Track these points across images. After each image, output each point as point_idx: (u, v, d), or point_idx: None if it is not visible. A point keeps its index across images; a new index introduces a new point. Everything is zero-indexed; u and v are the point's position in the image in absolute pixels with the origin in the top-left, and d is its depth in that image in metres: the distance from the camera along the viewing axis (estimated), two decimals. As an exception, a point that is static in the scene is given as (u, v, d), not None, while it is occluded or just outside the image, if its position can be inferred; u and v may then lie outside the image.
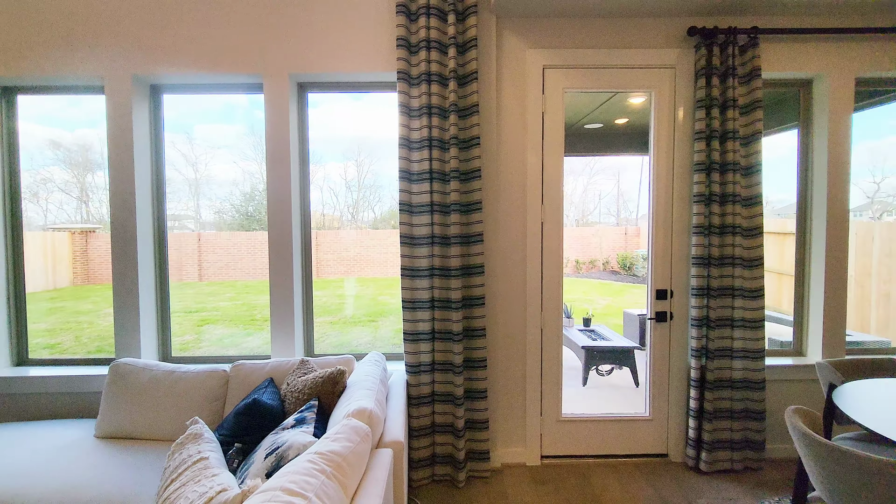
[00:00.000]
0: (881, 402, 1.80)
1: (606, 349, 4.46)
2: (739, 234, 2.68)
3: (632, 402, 4.15)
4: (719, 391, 2.72)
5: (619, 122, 5.42)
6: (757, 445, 2.73)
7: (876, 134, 4.34)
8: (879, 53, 2.81)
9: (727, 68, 2.64)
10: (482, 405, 2.70)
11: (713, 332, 2.70)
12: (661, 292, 2.85)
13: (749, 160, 2.69)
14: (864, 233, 4.81)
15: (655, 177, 2.83)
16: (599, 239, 14.27)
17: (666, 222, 2.84)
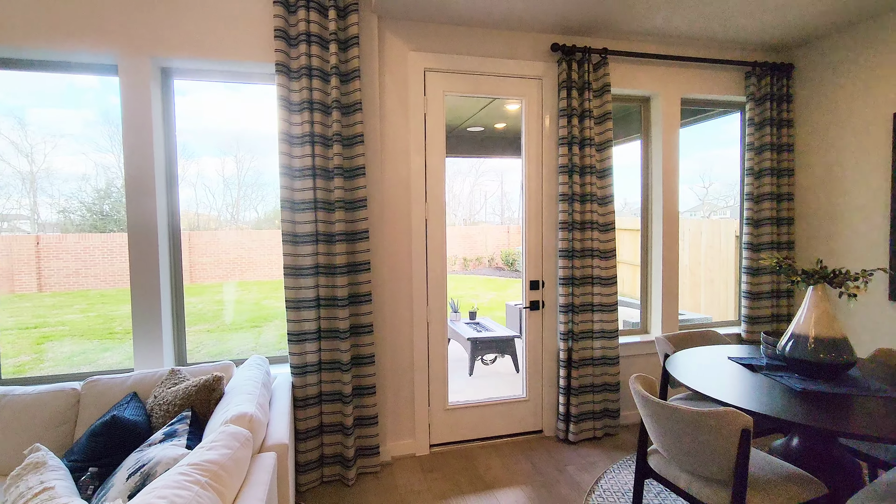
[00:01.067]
0: (701, 366, 2.20)
1: (490, 339, 4.75)
2: (597, 230, 3.05)
3: (513, 387, 4.48)
4: (583, 368, 3.07)
5: (499, 126, 5.79)
6: (614, 414, 3.13)
7: (705, 146, 5.16)
8: (698, 79, 3.38)
9: (584, 83, 2.99)
10: (371, 401, 2.72)
11: (577, 316, 3.04)
12: (534, 283, 3.13)
13: (603, 164, 3.07)
14: (696, 229, 5.73)
15: (527, 178, 3.10)
16: (485, 237, 15.04)
17: (537, 219, 3.12)
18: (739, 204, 3.71)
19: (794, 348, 1.99)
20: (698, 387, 1.92)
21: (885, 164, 2.90)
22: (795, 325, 2.02)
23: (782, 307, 3.45)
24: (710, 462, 1.65)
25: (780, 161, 3.40)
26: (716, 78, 3.42)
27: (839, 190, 3.17)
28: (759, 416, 1.65)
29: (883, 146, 2.91)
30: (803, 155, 3.41)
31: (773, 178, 3.37)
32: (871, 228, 2.99)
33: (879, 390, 1.82)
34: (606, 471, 2.72)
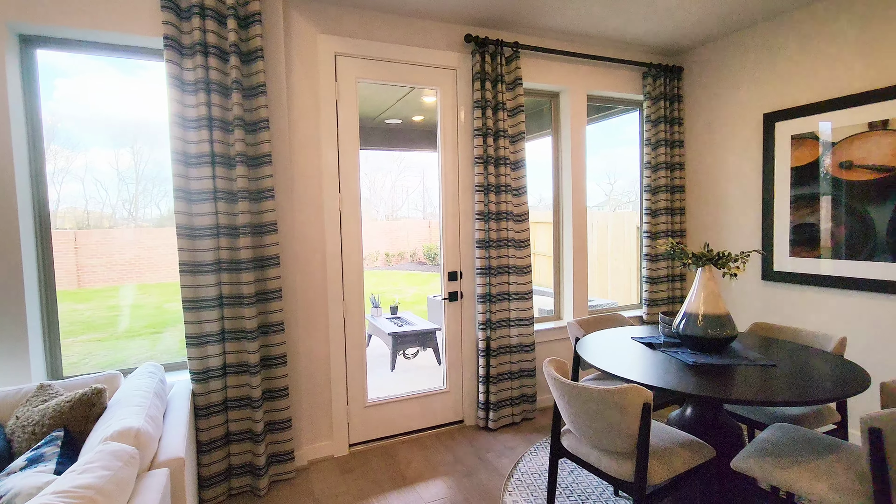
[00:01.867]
0: (608, 347, 2.32)
1: (411, 333, 4.71)
2: (512, 220, 3.11)
3: (436, 379, 4.48)
4: (501, 356, 3.13)
5: (417, 119, 5.74)
6: (531, 399, 3.23)
7: (610, 145, 5.49)
8: (602, 77, 3.58)
9: (497, 75, 3.03)
10: (284, 404, 2.56)
11: (495, 305, 3.09)
12: (452, 274, 3.13)
13: (517, 156, 3.14)
14: (603, 222, 6.11)
15: (444, 169, 3.09)
16: (407, 232, 14.97)
17: (454, 210, 3.12)
18: (639, 196, 3.99)
19: (686, 326, 2.16)
20: (605, 367, 2.02)
21: (758, 159, 3.25)
22: (687, 305, 2.20)
23: (676, 290, 3.77)
24: (617, 437, 1.74)
25: (672, 156, 3.70)
26: (618, 76, 3.64)
27: (721, 182, 3.52)
28: (659, 390, 1.77)
29: (756, 143, 3.26)
30: (692, 150, 3.74)
31: (667, 172, 3.66)
32: (747, 216, 3.35)
33: (757, 360, 2.03)
34: (524, 454, 2.80)
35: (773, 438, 1.90)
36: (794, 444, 1.84)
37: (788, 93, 3.05)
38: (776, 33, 3.10)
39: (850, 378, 1.79)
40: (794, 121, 3.01)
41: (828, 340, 2.34)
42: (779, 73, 3.10)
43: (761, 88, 3.21)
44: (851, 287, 2.76)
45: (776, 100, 3.12)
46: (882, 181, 2.63)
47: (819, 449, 1.80)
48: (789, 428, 2.00)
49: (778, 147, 3.11)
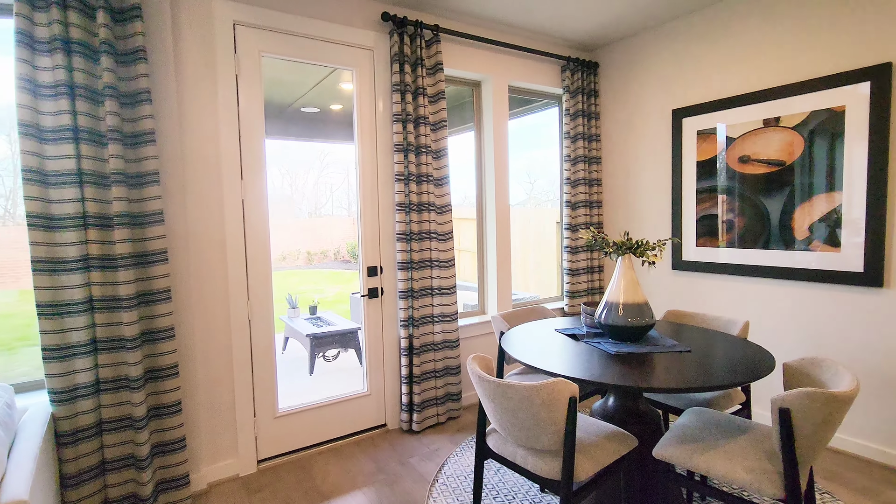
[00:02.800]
0: (532, 340, 2.25)
1: (331, 334, 4.43)
2: (434, 211, 2.98)
3: (358, 382, 4.25)
4: (425, 354, 2.99)
5: (335, 107, 5.43)
6: (456, 397, 3.13)
7: (530, 147, 5.54)
8: (524, 68, 3.55)
9: (417, 58, 2.87)
10: (175, 421, 2.22)
11: (417, 301, 2.93)
12: (372, 269, 2.93)
13: (438, 144, 3.00)
14: (524, 217, 6.20)
15: (361, 157, 2.87)
16: (330, 230, 14.40)
17: (373, 201, 2.92)
18: (560, 189, 4.03)
19: (607, 315, 2.15)
20: (530, 360, 1.94)
21: (668, 153, 3.39)
22: (608, 294, 2.18)
23: (595, 281, 3.86)
24: (543, 434, 1.65)
25: (590, 150, 3.77)
26: (539, 68, 3.63)
27: (636, 176, 3.63)
28: (584, 382, 1.71)
29: (666, 138, 3.40)
30: (608, 145, 3.83)
31: (585, 165, 3.72)
32: (659, 209, 3.48)
33: (674, 346, 2.06)
34: (450, 456, 2.68)
35: (689, 423, 1.93)
36: (709, 427, 1.87)
37: (694, 90, 3.20)
38: (683, 32, 3.24)
39: (758, 361, 1.85)
40: (700, 117, 3.16)
41: (733, 325, 2.45)
42: (686, 70, 3.24)
43: (670, 85, 3.34)
44: (751, 274, 2.95)
45: (683, 96, 3.27)
46: (775, 174, 2.82)
47: (731, 431, 1.84)
48: (703, 412, 2.05)
49: (685, 142, 3.26)
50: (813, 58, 2.63)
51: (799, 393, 1.49)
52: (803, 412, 1.49)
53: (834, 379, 1.68)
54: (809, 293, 2.71)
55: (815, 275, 2.67)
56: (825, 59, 2.59)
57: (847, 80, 2.50)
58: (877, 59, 2.41)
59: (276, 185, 9.66)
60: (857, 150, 2.49)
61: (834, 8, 2.54)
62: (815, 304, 2.69)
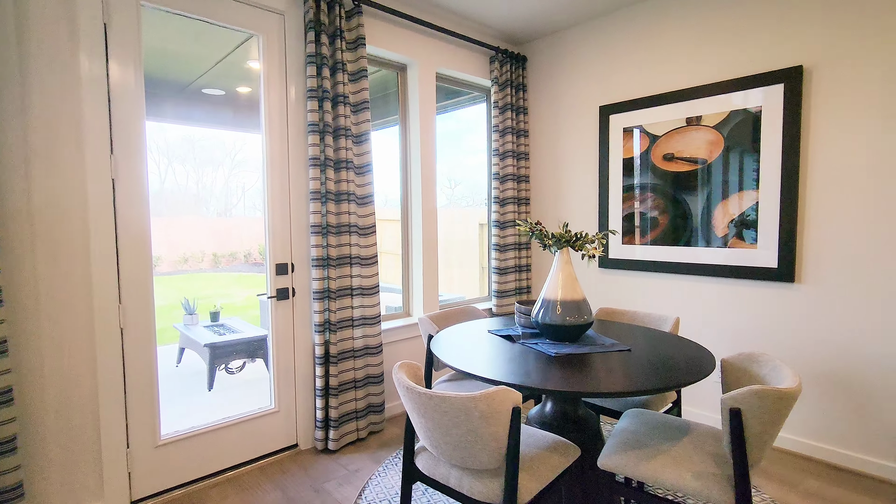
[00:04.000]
0: (464, 343, 2.03)
1: (234, 343, 3.91)
2: (354, 202, 2.66)
3: (267, 396, 3.77)
4: (343, 363, 2.66)
5: (243, 90, 4.87)
6: (378, 408, 2.82)
7: (454, 154, 5.36)
8: (453, 55, 3.35)
9: (335, 29, 2.55)
10: (10, 463, 1.71)
11: (335, 303, 2.60)
12: (281, 266, 2.55)
13: (360, 128, 2.70)
14: (446, 221, 6.05)
15: (270, 137, 2.49)
16: (240, 230, 13.34)
17: (283, 189, 2.54)
18: (487, 185, 3.88)
19: (545, 314, 1.98)
20: (463, 366, 1.71)
21: (595, 149, 3.36)
22: (546, 291, 2.02)
23: (523, 280, 3.75)
24: (482, 451, 1.43)
25: (519, 145, 3.66)
26: (468, 57, 3.45)
27: (563, 173, 3.58)
28: (526, 389, 1.51)
29: (593, 135, 3.37)
30: (536, 140, 3.75)
31: (514, 161, 3.60)
32: (587, 206, 3.44)
33: (613, 345, 1.94)
34: (372, 477, 2.37)
35: (630, 427, 1.81)
36: (651, 431, 1.76)
37: (621, 87, 3.19)
38: (609, 29, 3.22)
39: (700, 358, 1.77)
40: (626, 114, 3.15)
41: (664, 321, 2.41)
42: (612, 68, 3.22)
43: (597, 82, 3.32)
44: (675, 271, 2.97)
45: (610, 93, 3.25)
46: (697, 173, 2.86)
47: (672, 433, 1.74)
48: (641, 413, 1.95)
49: (612, 139, 3.24)
50: (732, 59, 2.70)
51: (749, 392, 1.40)
52: (753, 411, 1.40)
53: (773, 374, 1.64)
54: (730, 289, 2.77)
55: (734, 271, 2.73)
56: (743, 61, 2.66)
57: (763, 82, 2.57)
58: (789, 62, 2.50)
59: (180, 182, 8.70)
60: (772, 150, 2.57)
61: (751, 12, 2.61)
62: (736, 300, 2.75)
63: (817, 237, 2.47)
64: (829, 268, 2.44)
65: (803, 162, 2.50)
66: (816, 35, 2.41)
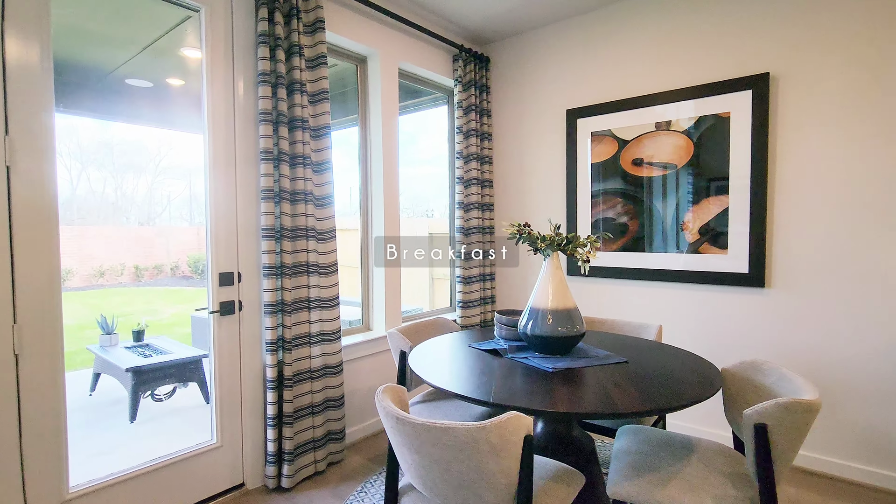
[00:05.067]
0: (445, 360, 1.81)
1: (162, 365, 3.42)
2: (312, 203, 2.37)
3: (202, 425, 3.31)
4: (300, 385, 2.33)
5: (175, 82, 4.38)
6: (339, 436, 2.51)
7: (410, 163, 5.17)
8: (417, 50, 3.14)
9: (291, 8, 2.26)
10: None
11: (290, 317, 2.27)
12: (226, 276, 2.19)
13: (318, 121, 2.42)
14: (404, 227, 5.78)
15: (213, 126, 2.15)
16: (166, 240, 12.23)
17: (228, 187, 2.20)
18: (450, 189, 3.69)
19: (535, 325, 1.80)
20: (455, 388, 1.48)
21: (563, 154, 3.28)
22: (534, 300, 1.85)
23: (488, 290, 3.58)
24: (488, 490, 1.20)
25: (482, 148, 3.51)
26: (431, 54, 3.27)
27: (529, 177, 3.46)
28: (542, 414, 1.31)
29: (560, 139, 3.28)
30: (500, 144, 3.62)
31: (478, 164, 3.44)
32: (554, 212, 3.34)
33: (608, 357, 1.79)
34: (335, 517, 2.06)
35: (633, 448, 1.65)
36: (655, 451, 1.62)
37: (589, 91, 3.13)
38: (577, 32, 3.16)
39: (703, 370, 1.66)
40: (594, 118, 3.09)
41: (646, 329, 2.31)
42: (580, 71, 3.16)
43: (564, 85, 3.24)
44: (647, 278, 2.91)
45: (577, 97, 3.18)
46: (667, 177, 2.83)
47: (677, 451, 1.61)
48: (638, 430, 1.81)
49: (580, 143, 3.17)
50: (701, 64, 2.70)
51: (776, 405, 1.28)
52: (781, 427, 1.28)
53: (781, 384, 1.54)
54: (702, 295, 2.74)
55: (706, 277, 2.70)
56: (712, 67, 2.66)
57: (731, 88, 2.59)
58: (757, 69, 2.53)
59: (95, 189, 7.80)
60: (741, 155, 2.58)
61: (719, 19, 2.63)
62: (708, 306, 2.73)
63: (786, 242, 2.49)
64: (798, 272, 2.46)
65: (771, 168, 2.52)
66: (782, 43, 2.45)
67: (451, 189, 3.69)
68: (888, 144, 2.21)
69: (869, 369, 2.29)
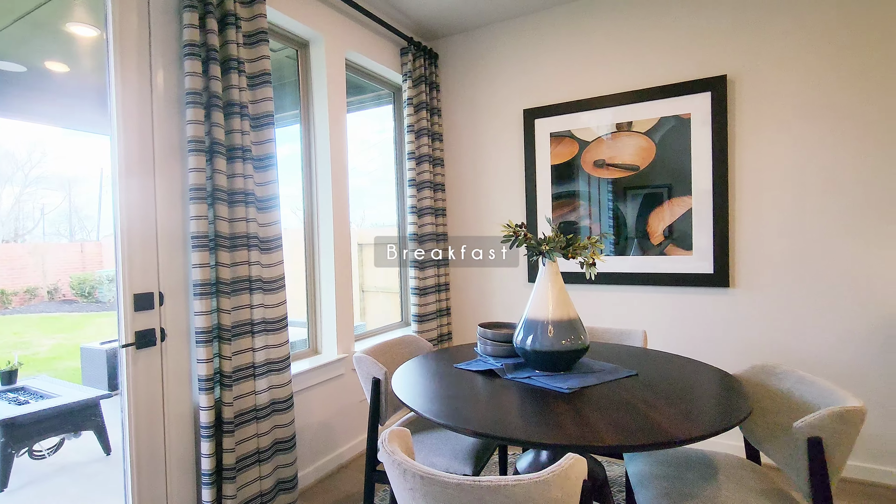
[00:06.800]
0: (441, 387, 1.52)
1: (44, 414, 2.74)
2: (253, 205, 1.96)
3: (103, 485, 2.67)
4: (244, 428, 1.90)
5: (55, 67, 3.63)
6: (290, 484, 2.09)
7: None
8: (365, 39, 2.84)
9: (225, -31, 1.87)
10: None
11: (229, 345, 1.84)
12: (143, 299, 1.72)
13: (259, 108, 2.03)
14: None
15: (123, 111, 1.68)
16: (41, 259, 10.43)
17: (145, 183, 1.74)
18: (400, 193, 3.40)
19: (534, 339, 1.58)
20: (475, 425, 1.20)
21: (521, 156, 3.13)
22: (530, 310, 1.63)
23: (443, 301, 3.32)
24: (540, 558, 0.94)
25: (434, 149, 3.27)
26: (380, 45, 2.98)
27: (484, 180, 3.28)
28: (585, 450, 1.07)
29: (518, 140, 3.14)
30: (452, 145, 3.40)
31: (430, 166, 3.20)
32: (512, 216, 3.18)
33: (616, 370, 1.61)
34: (297, 591, 1.66)
35: (656, 472, 1.48)
36: (679, 473, 1.46)
37: (547, 90, 3.03)
38: (532, 30, 3.05)
39: (721, 380, 1.53)
40: (553, 118, 2.98)
41: (629, 336, 2.19)
42: (537, 70, 3.05)
43: (521, 84, 3.11)
44: (612, 282, 2.83)
45: (535, 96, 3.07)
46: (629, 179, 2.78)
47: (703, 472, 1.46)
48: (652, 451, 1.65)
49: (538, 144, 3.04)
50: (661, 66, 2.69)
51: (830, 415, 1.16)
52: (835, 439, 1.16)
53: (799, 387, 1.46)
54: (670, 297, 2.71)
55: (672, 278, 2.67)
56: (672, 68, 2.66)
57: (691, 90, 2.59)
58: (715, 72, 2.56)
59: (-56, 201, 6.47)
60: (702, 156, 2.59)
61: (678, 22, 2.64)
62: (676, 307, 2.69)
63: (748, 242, 2.52)
64: (760, 271, 2.49)
65: (731, 169, 2.55)
66: (739, 46, 2.50)
67: (399, 193, 3.40)
68: (840, 144, 2.31)
69: (831, 362, 2.36)
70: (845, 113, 2.29)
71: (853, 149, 2.29)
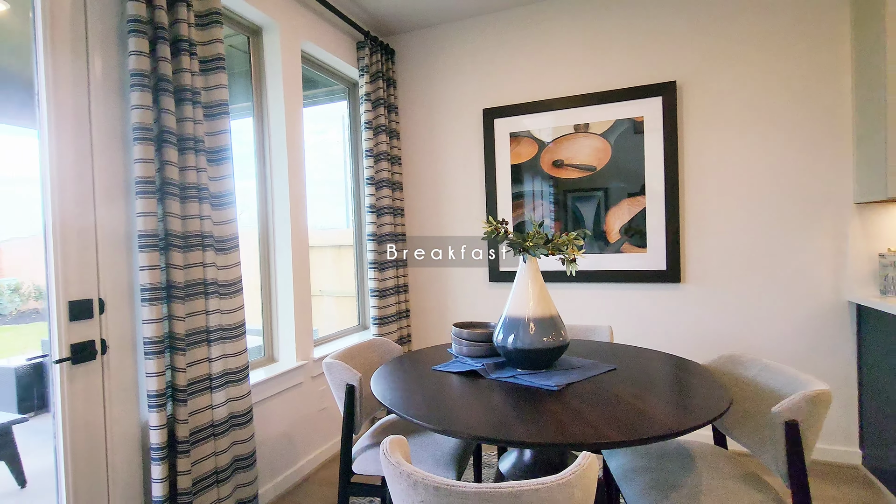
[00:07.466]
0: (425, 392, 1.46)
1: (-52, 445, 2.34)
2: (208, 201, 1.79)
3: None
4: (200, 446, 1.72)
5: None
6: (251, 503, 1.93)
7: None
8: (321, 30, 2.71)
9: (175, -59, 1.70)
10: None
11: (183, 355, 1.67)
12: (79, 306, 1.51)
13: (213, 95, 1.86)
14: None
15: (55, 85, 1.47)
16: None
17: (83, 176, 1.53)
18: (358, 192, 3.29)
19: (515, 337, 1.56)
20: (476, 430, 1.15)
21: (480, 155, 3.12)
22: (510, 308, 1.61)
23: (403, 303, 3.24)
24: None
25: (392, 147, 3.19)
26: (337, 37, 2.85)
27: (443, 179, 3.24)
28: (598, 447, 1.05)
29: (478, 140, 3.13)
30: (409, 143, 3.34)
31: (388, 164, 3.11)
32: (472, 216, 3.16)
33: (596, 366, 1.63)
34: None
35: (639, 464, 1.50)
36: (660, 465, 1.49)
37: (505, 90, 3.04)
38: (489, 30, 3.06)
39: (700, 372, 1.59)
40: (512, 118, 3.01)
41: (595, 332, 2.24)
42: (497, 70, 3.06)
43: (479, 83, 3.11)
44: (572, 279, 2.89)
45: (495, 96, 3.07)
46: (587, 179, 2.86)
47: (682, 462, 1.50)
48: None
49: (498, 144, 3.05)
50: (617, 70, 2.79)
51: (804, 399, 1.23)
52: (809, 421, 1.23)
53: (764, 374, 1.54)
54: (627, 293, 2.80)
55: (628, 275, 2.77)
56: (626, 73, 2.77)
57: (644, 94, 2.71)
58: (665, 77, 2.69)
59: None
60: (655, 157, 2.71)
61: (631, 26, 2.74)
62: (632, 303, 2.79)
63: (697, 239, 2.66)
64: (708, 267, 2.65)
65: (681, 170, 2.69)
66: (687, 53, 2.64)
67: (356, 192, 3.28)
68: (776, 146, 2.50)
69: (776, 353, 2.55)
70: (779, 116, 2.49)
71: (787, 149, 2.49)
